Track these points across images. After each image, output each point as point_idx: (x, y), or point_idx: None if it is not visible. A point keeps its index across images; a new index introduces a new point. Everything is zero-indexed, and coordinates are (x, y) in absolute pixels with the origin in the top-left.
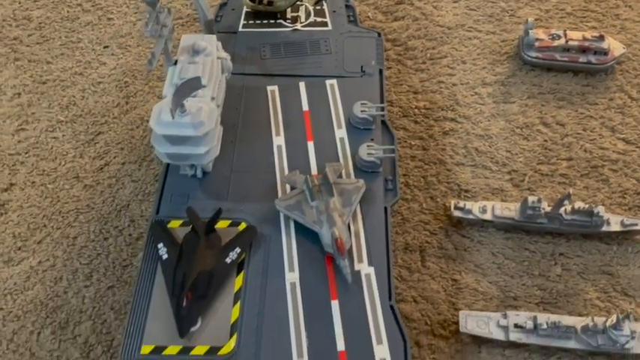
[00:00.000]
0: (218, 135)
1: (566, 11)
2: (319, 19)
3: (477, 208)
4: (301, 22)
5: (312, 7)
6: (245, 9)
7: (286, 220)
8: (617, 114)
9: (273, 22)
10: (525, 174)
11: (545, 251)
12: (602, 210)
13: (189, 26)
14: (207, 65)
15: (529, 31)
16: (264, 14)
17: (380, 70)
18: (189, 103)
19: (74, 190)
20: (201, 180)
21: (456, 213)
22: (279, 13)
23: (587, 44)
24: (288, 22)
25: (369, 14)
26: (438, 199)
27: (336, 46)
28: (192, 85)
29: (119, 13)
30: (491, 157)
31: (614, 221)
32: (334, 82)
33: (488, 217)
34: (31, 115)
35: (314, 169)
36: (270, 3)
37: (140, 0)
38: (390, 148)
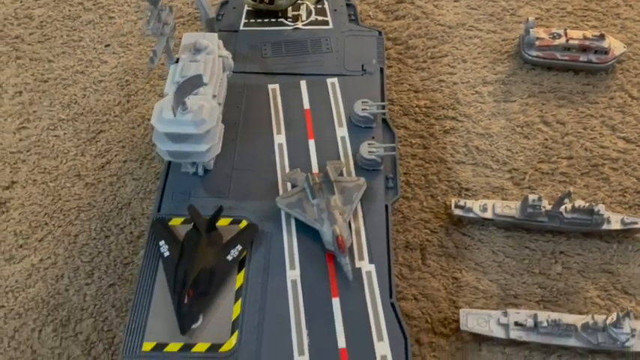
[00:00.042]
0: (219, 133)
1: (567, 10)
2: (320, 17)
3: (477, 206)
4: (302, 21)
5: (313, 6)
6: (246, 8)
7: (287, 218)
8: (618, 113)
9: (274, 20)
10: (526, 172)
11: (546, 249)
12: (602, 208)
13: (190, 25)
14: (209, 63)
15: (530, 30)
16: (265, 13)
17: (381, 69)
18: (190, 100)
19: (75, 188)
20: (203, 178)
21: (457, 211)
22: (280, 11)
23: (587, 43)
24: (289, 20)
25: (369, 13)
26: (438, 197)
27: (337, 45)
28: (194, 83)
29: (120, 11)
30: (492, 156)
31: (614, 219)
32: (335, 80)
33: (488, 215)
34: (33, 114)
35: (315, 167)
36: (272, 2)
37: None
38: (391, 146)
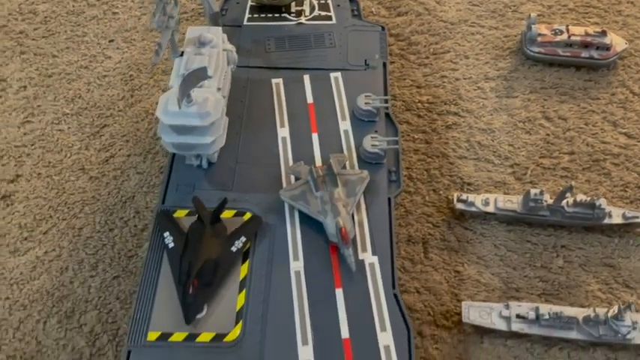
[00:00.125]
0: (224, 125)
1: (569, 7)
2: (323, 12)
3: (479, 200)
4: (305, 16)
5: (316, 1)
6: (250, 3)
7: (291, 210)
8: (619, 109)
9: (277, 15)
10: (528, 167)
11: (547, 243)
12: (603, 202)
13: (193, 21)
14: (213, 57)
15: (532, 27)
16: (268, 8)
17: (384, 64)
18: (195, 93)
19: (80, 182)
20: (207, 170)
21: (459, 205)
22: (283, 6)
23: (589, 39)
24: (292, 15)
25: (372, 9)
26: (440, 192)
27: (340, 40)
28: (199, 76)
29: (124, 7)
30: (494, 151)
31: (615, 214)
32: (338, 75)
33: (490, 209)
34: (37, 108)
35: (318, 160)
36: None
37: None
38: (394, 139)
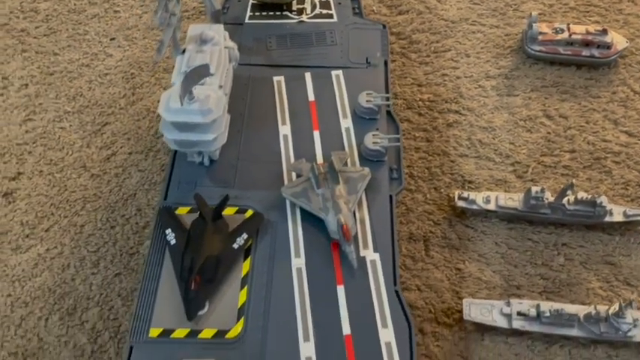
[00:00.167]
0: (225, 123)
1: (570, 6)
2: (325, 10)
3: (480, 198)
4: (307, 14)
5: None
6: (251, 1)
7: (292, 207)
8: (620, 107)
9: (279, 13)
10: (528, 165)
11: (548, 241)
12: (604, 200)
13: (194, 19)
14: (215, 54)
15: (533, 25)
16: (270, 6)
17: (385, 62)
18: (197, 90)
19: (81, 180)
20: (209, 168)
21: (460, 203)
22: (284, 4)
23: (590, 38)
24: (293, 13)
25: (373, 8)
26: (441, 189)
27: (342, 38)
28: (201, 73)
29: (125, 5)
30: (495, 149)
31: (616, 212)
32: (340, 72)
33: (491, 207)
34: (39, 106)
35: (320, 158)
36: None
37: None
38: (396, 137)
